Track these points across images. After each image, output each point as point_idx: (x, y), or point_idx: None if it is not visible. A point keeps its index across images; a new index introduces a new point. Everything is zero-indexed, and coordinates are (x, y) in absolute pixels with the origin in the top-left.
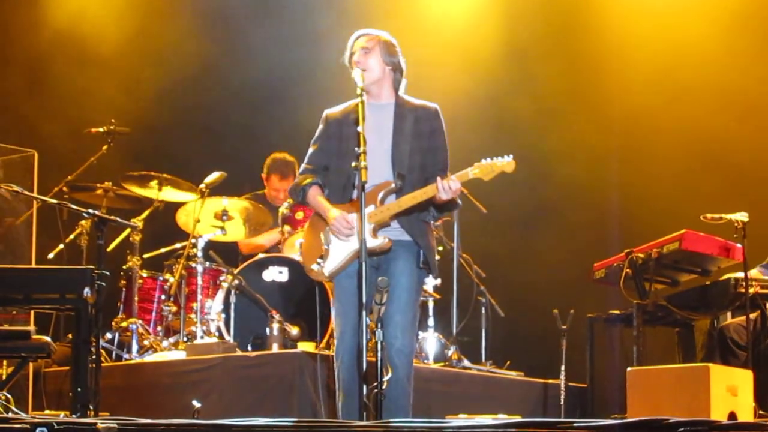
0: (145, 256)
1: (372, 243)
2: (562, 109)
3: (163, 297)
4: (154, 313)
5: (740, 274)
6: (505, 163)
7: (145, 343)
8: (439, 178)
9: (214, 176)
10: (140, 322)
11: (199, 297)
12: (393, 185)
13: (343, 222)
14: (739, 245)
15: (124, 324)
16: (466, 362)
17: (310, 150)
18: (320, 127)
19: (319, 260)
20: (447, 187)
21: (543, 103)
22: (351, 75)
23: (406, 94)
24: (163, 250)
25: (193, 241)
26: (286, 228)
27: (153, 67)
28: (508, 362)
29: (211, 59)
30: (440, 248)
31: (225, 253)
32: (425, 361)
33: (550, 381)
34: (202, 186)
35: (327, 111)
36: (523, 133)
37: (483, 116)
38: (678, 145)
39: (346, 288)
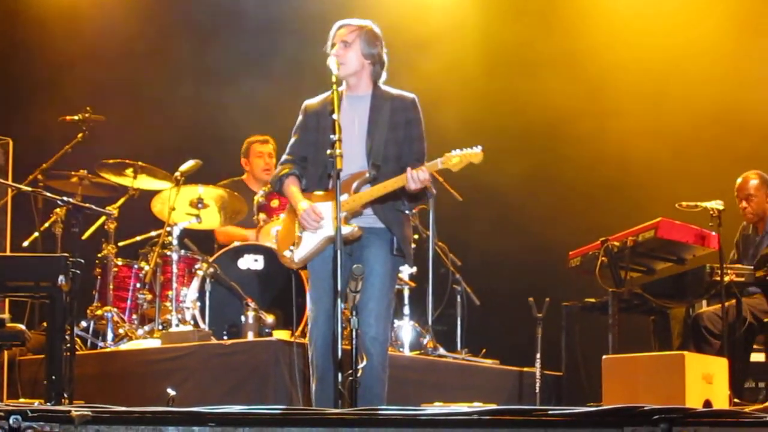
0: (120, 244)
1: (342, 230)
2: (538, 97)
3: (138, 285)
4: (129, 301)
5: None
6: (473, 153)
7: (120, 331)
8: (408, 168)
9: (189, 164)
10: (115, 310)
11: (174, 285)
12: (367, 175)
13: (310, 214)
14: (714, 233)
15: (99, 312)
16: (441, 350)
17: (291, 141)
18: (299, 117)
19: (291, 247)
20: (416, 176)
21: (522, 92)
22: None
23: (386, 84)
24: (138, 238)
25: (168, 229)
26: (262, 216)
27: (128, 56)
28: (484, 350)
29: (186, 46)
30: (416, 236)
31: (200, 241)
32: (401, 350)
33: (526, 369)
34: (177, 174)
35: (306, 102)
36: (500, 122)
37: (462, 106)
38: (653, 133)
39: (321, 275)
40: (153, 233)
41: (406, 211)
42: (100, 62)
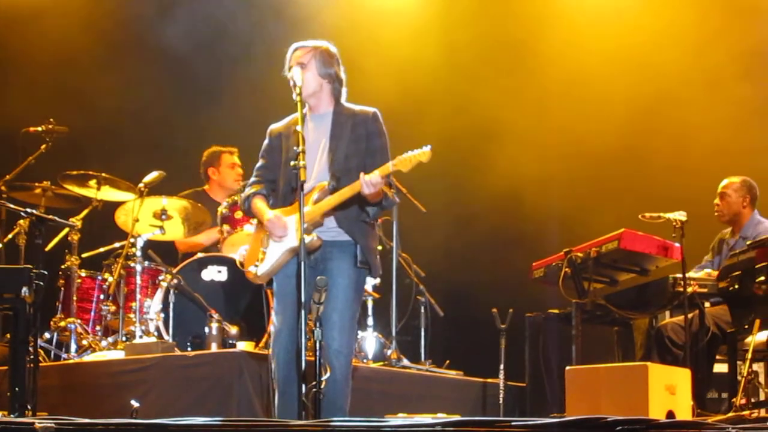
0: (84, 255)
1: (303, 240)
2: (503, 110)
3: (101, 296)
4: (92, 313)
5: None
6: (421, 152)
7: (84, 342)
8: (362, 174)
9: (152, 175)
10: (79, 321)
11: (138, 296)
12: (327, 186)
13: (276, 222)
14: (677, 244)
15: (62, 323)
16: (405, 361)
17: (258, 164)
18: (265, 141)
19: (256, 263)
20: (369, 180)
21: (483, 105)
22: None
23: (348, 101)
24: (101, 249)
25: (132, 240)
26: (225, 227)
27: (90, 66)
28: (448, 361)
29: (150, 58)
30: (380, 248)
31: (164, 252)
32: (365, 361)
33: (489, 380)
34: (140, 185)
35: (271, 126)
36: (466, 134)
37: (423, 118)
38: (616, 145)
39: (285, 288)
40: (117, 244)
41: (370, 221)
42: (62, 72)
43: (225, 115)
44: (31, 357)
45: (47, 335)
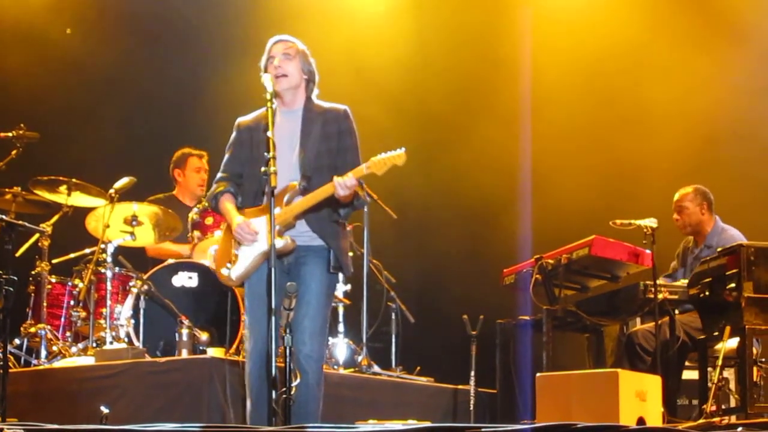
0: (54, 261)
1: (276, 244)
2: (475, 115)
3: (72, 302)
4: (63, 319)
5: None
6: (396, 155)
7: (54, 348)
8: (335, 176)
9: (123, 181)
10: (49, 327)
11: (109, 302)
12: (298, 186)
13: (245, 228)
14: (648, 251)
15: (32, 329)
16: (376, 368)
17: (225, 157)
18: (233, 134)
19: (228, 265)
20: (343, 183)
21: (455, 111)
22: (261, 80)
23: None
24: (72, 255)
25: (103, 246)
26: (196, 233)
27: (62, 72)
28: (418, 368)
29: (121, 64)
30: (351, 254)
31: (134, 258)
32: (335, 367)
33: (460, 387)
34: (111, 191)
35: (239, 119)
36: (435, 140)
37: (394, 122)
38: (588, 151)
39: (257, 292)
40: (87, 250)
41: (341, 220)
42: (33, 78)
43: (199, 120)
44: (1, 363)
45: (17, 341)
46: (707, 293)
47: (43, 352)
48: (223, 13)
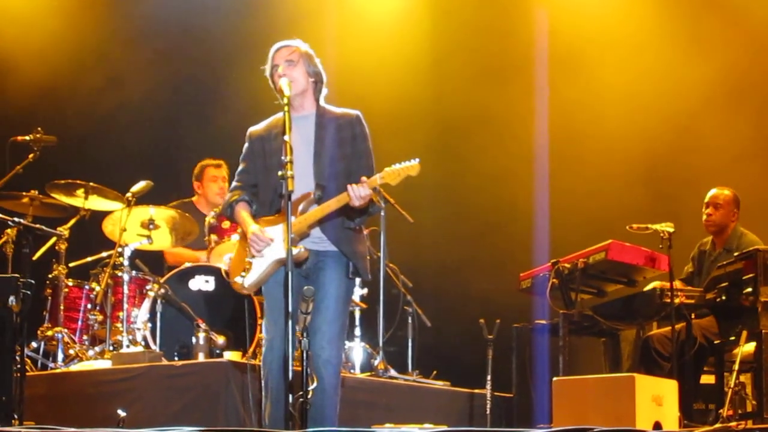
0: (71, 264)
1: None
2: (492, 118)
3: (89, 306)
4: (79, 322)
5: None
6: (410, 166)
7: (71, 352)
8: (349, 185)
9: (140, 185)
10: (66, 331)
11: (125, 306)
12: (313, 195)
13: (260, 236)
14: (665, 255)
15: (49, 333)
16: (392, 372)
17: (239, 168)
18: (245, 145)
19: (242, 273)
20: (357, 193)
21: (472, 113)
22: (272, 87)
23: (328, 103)
24: (89, 258)
25: (120, 250)
26: (213, 237)
27: (78, 75)
28: (435, 372)
29: (138, 66)
30: (368, 258)
31: (151, 262)
32: (351, 371)
33: (477, 391)
34: (128, 195)
35: (251, 129)
36: (452, 143)
37: (415, 127)
38: (606, 155)
39: (276, 297)
40: (104, 254)
41: (355, 227)
42: (50, 82)
43: (215, 124)
44: (18, 366)
45: (34, 344)
46: (724, 297)
47: (60, 356)
48: (240, 19)
